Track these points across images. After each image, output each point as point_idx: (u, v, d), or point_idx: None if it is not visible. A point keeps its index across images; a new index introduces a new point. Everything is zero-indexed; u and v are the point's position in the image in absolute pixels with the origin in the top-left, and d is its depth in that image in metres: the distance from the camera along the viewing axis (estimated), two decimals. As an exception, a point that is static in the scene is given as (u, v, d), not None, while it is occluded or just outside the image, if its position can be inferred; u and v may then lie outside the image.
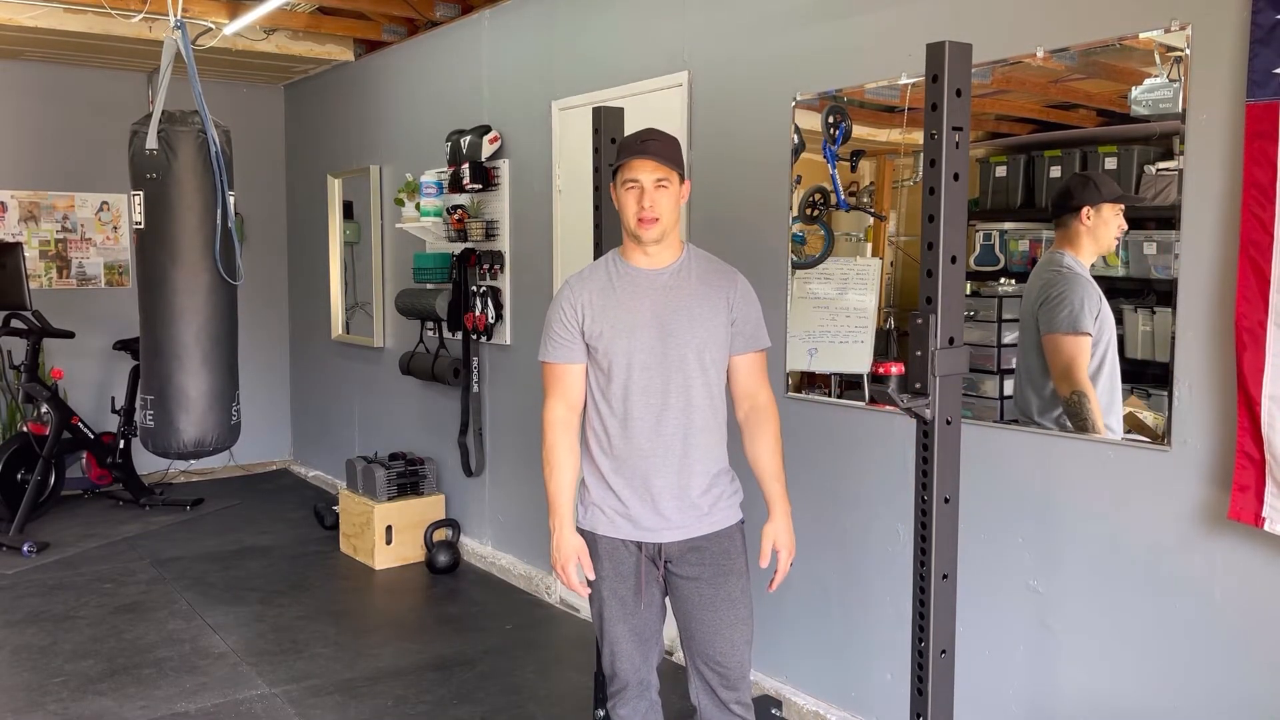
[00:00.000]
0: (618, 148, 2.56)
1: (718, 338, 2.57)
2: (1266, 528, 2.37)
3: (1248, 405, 2.38)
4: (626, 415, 2.54)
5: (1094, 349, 2.74)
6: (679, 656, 4.15)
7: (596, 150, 3.14)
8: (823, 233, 3.48)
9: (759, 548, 2.67)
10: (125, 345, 6.67)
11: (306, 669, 4.15)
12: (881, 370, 2.13)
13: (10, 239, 6.54)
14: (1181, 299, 2.55)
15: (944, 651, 2.16)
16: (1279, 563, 2.41)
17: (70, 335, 6.32)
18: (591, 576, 2.61)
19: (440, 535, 5.50)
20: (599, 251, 3.14)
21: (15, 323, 6.10)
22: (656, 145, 2.48)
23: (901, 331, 3.27)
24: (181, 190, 3.72)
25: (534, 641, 4.47)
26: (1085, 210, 2.73)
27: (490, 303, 5.14)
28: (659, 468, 2.55)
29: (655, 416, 2.53)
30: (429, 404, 5.87)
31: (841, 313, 3.42)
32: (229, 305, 3.93)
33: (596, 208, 3.15)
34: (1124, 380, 2.70)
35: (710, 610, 2.60)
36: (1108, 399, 2.73)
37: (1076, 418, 2.79)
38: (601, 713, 3.22)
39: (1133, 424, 2.68)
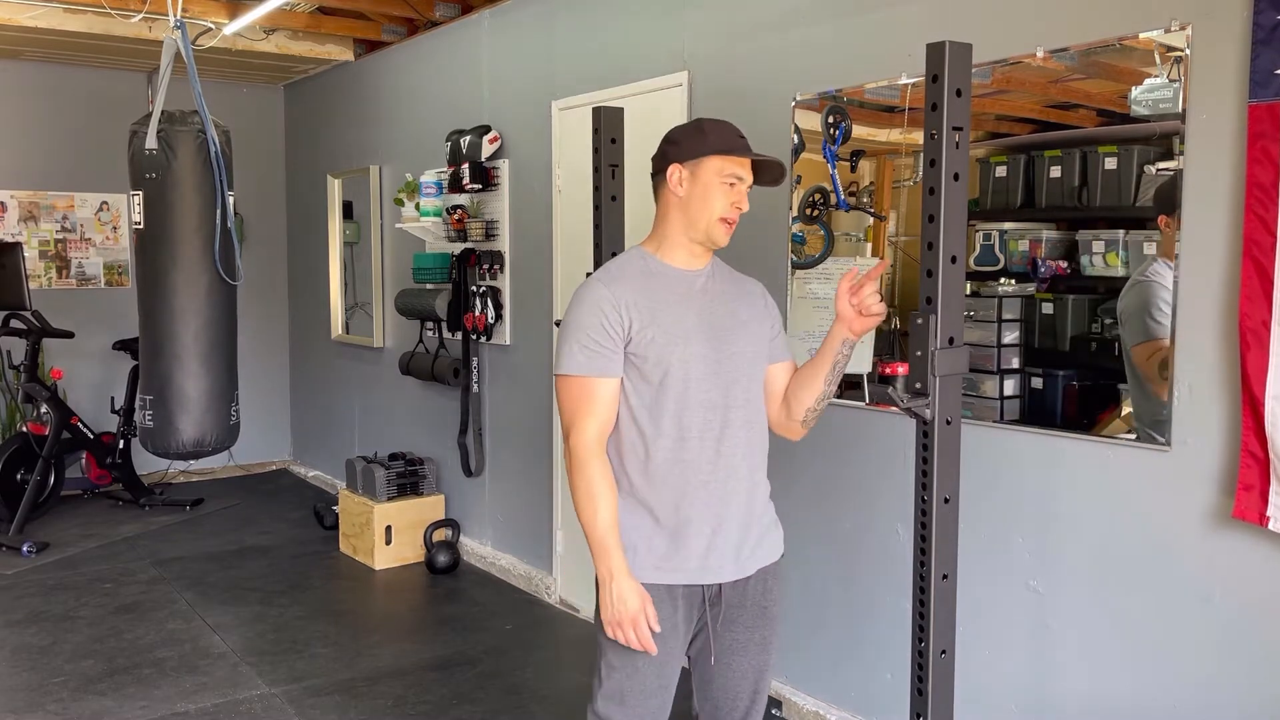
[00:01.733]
0: (705, 135, 2.23)
1: (763, 348, 2.33)
2: (1271, 526, 2.37)
3: (1252, 405, 2.38)
4: (683, 435, 2.20)
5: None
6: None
7: (596, 150, 3.13)
8: (823, 233, 3.48)
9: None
10: (125, 345, 6.67)
11: (306, 669, 4.15)
12: (889, 370, 2.12)
13: (10, 239, 6.54)
14: (1181, 299, 2.55)
15: (944, 651, 2.16)
16: None
17: (70, 335, 6.32)
18: (658, 629, 2.17)
19: (440, 535, 5.50)
20: (599, 251, 3.13)
21: (15, 323, 6.09)
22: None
23: (903, 331, 3.27)
24: (181, 190, 3.72)
25: (534, 641, 4.47)
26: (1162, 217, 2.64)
27: (490, 303, 5.14)
28: (723, 494, 2.23)
29: (717, 435, 2.22)
30: (429, 404, 5.87)
31: (841, 313, 3.42)
32: (228, 305, 3.93)
33: (596, 208, 3.15)
34: (1124, 380, 2.70)
35: (743, 655, 2.32)
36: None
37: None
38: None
39: (1133, 424, 2.68)
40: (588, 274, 2.35)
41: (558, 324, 3.61)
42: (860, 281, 2.20)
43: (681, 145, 2.24)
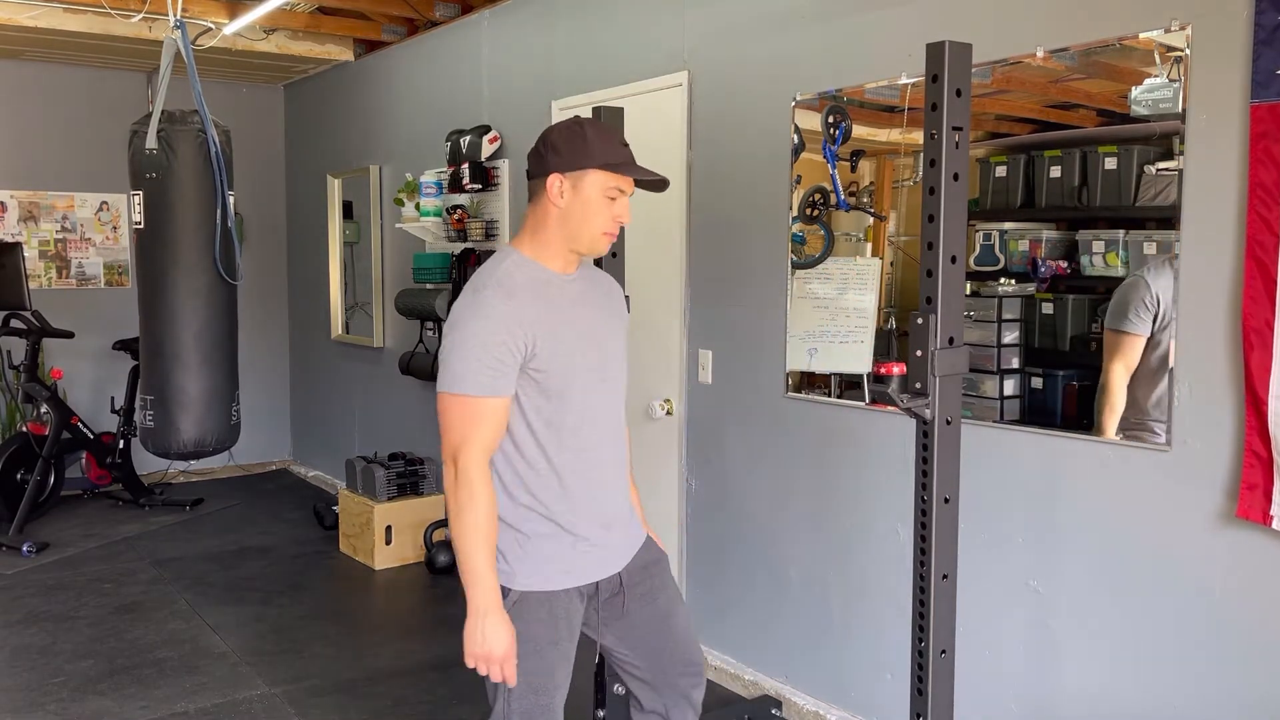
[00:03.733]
0: (589, 145, 2.17)
1: (624, 345, 2.37)
2: (1275, 525, 2.37)
3: (1255, 405, 2.38)
4: (582, 446, 2.22)
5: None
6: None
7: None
8: (823, 233, 3.48)
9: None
10: (125, 345, 6.67)
11: (306, 669, 4.15)
12: (884, 370, 2.12)
13: (10, 239, 6.54)
14: (1182, 299, 2.55)
15: (944, 651, 2.16)
16: None
17: (70, 335, 6.32)
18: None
19: (440, 535, 5.50)
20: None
21: (15, 323, 6.10)
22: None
23: (903, 331, 3.27)
24: (181, 190, 3.72)
25: (534, 641, 4.47)
26: None
27: (490, 303, 5.13)
28: (616, 494, 2.32)
29: (611, 439, 2.30)
30: (429, 404, 5.87)
31: (841, 313, 3.42)
32: (229, 305, 3.93)
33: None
34: (1124, 380, 2.71)
35: (674, 617, 2.42)
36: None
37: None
38: (602, 713, 3.22)
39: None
40: (476, 275, 2.26)
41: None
42: None
43: (563, 154, 2.16)
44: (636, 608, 2.37)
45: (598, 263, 3.23)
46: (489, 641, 2.13)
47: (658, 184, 2.26)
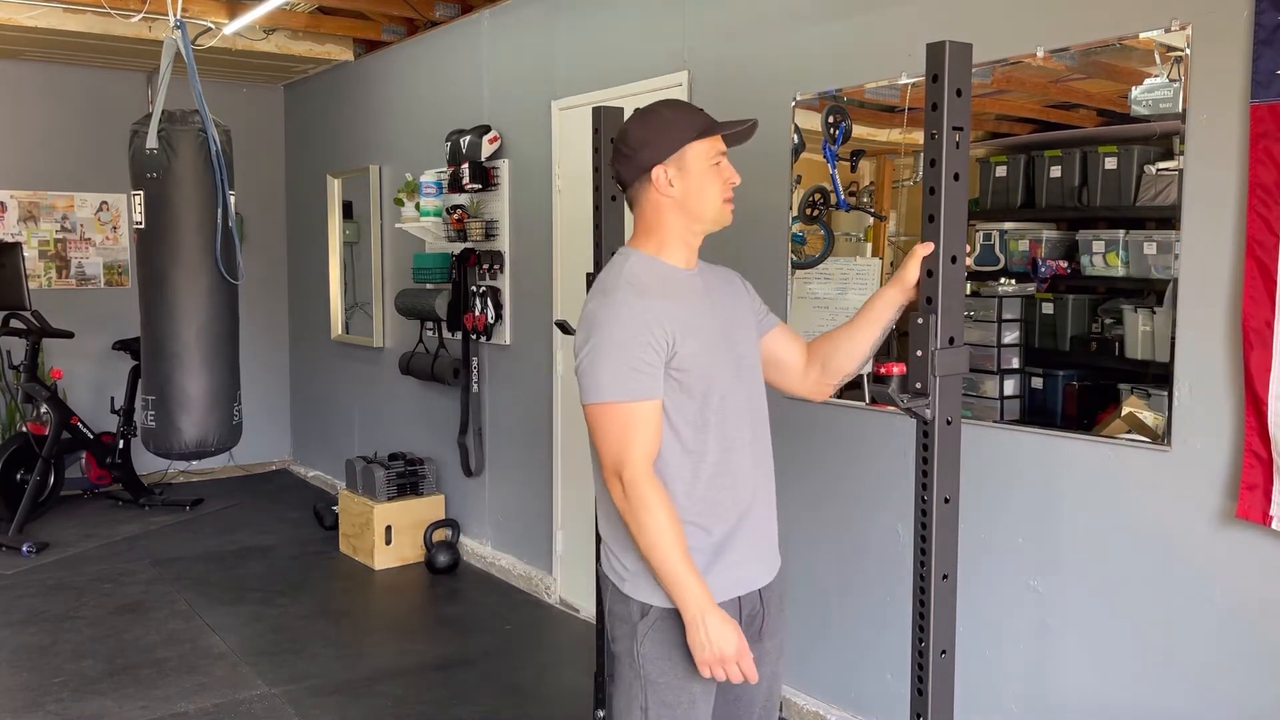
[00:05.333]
0: (674, 123, 2.08)
1: (756, 339, 2.23)
2: (1275, 526, 2.37)
3: (1255, 405, 2.38)
4: (728, 447, 2.08)
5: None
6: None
7: (596, 150, 3.13)
8: (823, 233, 3.48)
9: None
10: (125, 345, 6.67)
11: (306, 669, 4.15)
12: (884, 370, 2.11)
13: (10, 239, 6.54)
14: (1182, 299, 2.55)
15: (944, 651, 2.16)
16: None
17: (70, 335, 6.31)
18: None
19: (440, 535, 5.50)
20: (599, 252, 3.13)
21: (15, 323, 6.09)
22: None
23: (903, 331, 3.27)
24: (181, 190, 3.72)
25: (534, 641, 4.47)
26: None
27: (490, 303, 5.14)
28: (758, 500, 2.15)
29: (750, 441, 2.13)
30: (429, 404, 5.87)
31: (841, 313, 3.42)
32: (230, 305, 3.92)
33: (596, 208, 3.15)
34: (1124, 380, 2.70)
35: (764, 664, 2.19)
36: None
37: None
38: (601, 713, 3.22)
39: (1133, 424, 2.68)
40: (588, 275, 2.22)
41: (559, 325, 3.60)
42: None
43: (654, 144, 2.07)
44: (768, 635, 2.19)
45: (598, 264, 3.23)
46: (716, 642, 1.95)
47: (749, 131, 2.17)
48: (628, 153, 2.10)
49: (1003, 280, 2.96)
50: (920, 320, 2.05)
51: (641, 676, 2.06)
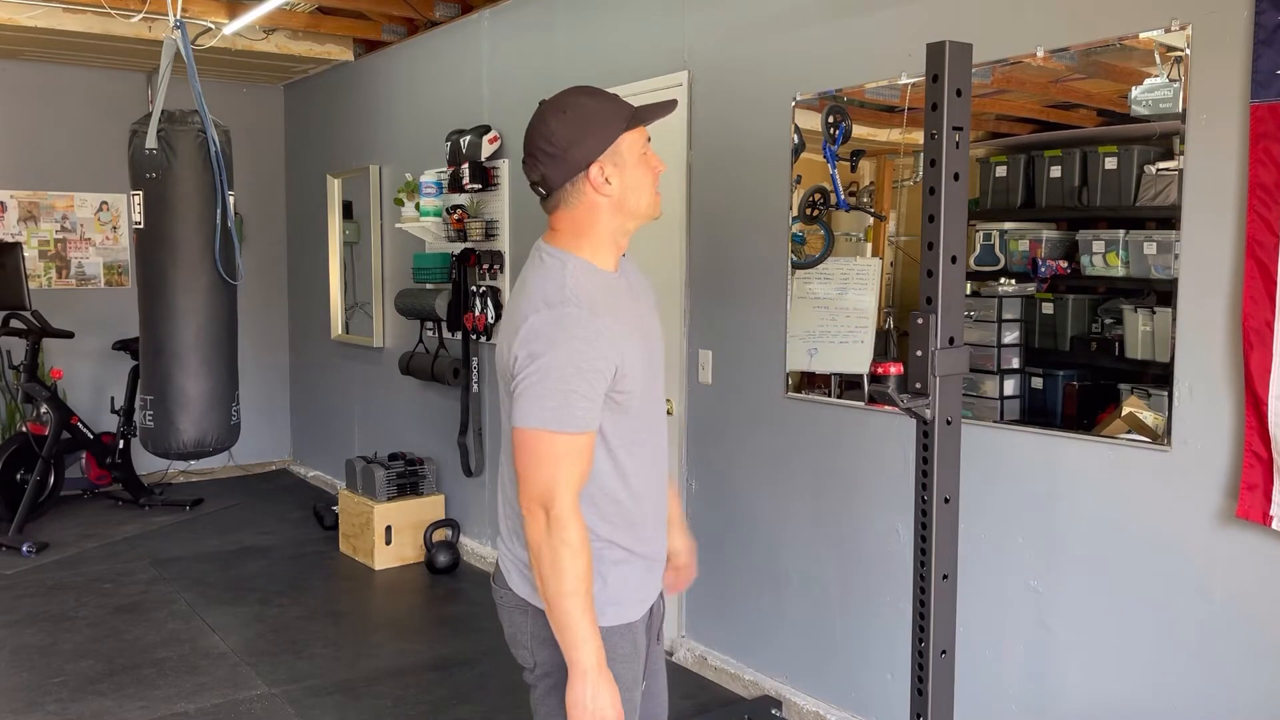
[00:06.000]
0: (602, 113, 1.93)
1: (660, 331, 2.12)
2: (1275, 526, 2.37)
3: (1255, 405, 2.38)
4: (653, 461, 2.00)
5: None
6: (679, 657, 4.15)
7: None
8: (823, 233, 3.48)
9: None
10: (124, 345, 6.67)
11: (306, 669, 4.15)
12: (884, 370, 2.12)
13: (10, 239, 6.54)
14: (1182, 299, 2.55)
15: (944, 651, 2.16)
16: None
17: (69, 335, 6.31)
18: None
19: (440, 535, 5.50)
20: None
21: (15, 323, 6.09)
22: None
23: (902, 331, 3.27)
24: (181, 190, 3.72)
25: (534, 641, 4.47)
26: None
27: (490, 303, 5.14)
28: (664, 501, 2.09)
29: (664, 446, 2.07)
30: (428, 404, 5.87)
31: (841, 313, 3.42)
32: (229, 305, 3.92)
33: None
34: (1124, 380, 2.70)
35: (659, 670, 2.20)
36: None
37: None
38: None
39: (1133, 424, 2.68)
40: (546, 290, 1.90)
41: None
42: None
43: (586, 140, 1.89)
44: (657, 634, 2.16)
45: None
46: (600, 703, 1.83)
47: (668, 106, 1.99)
48: (554, 153, 1.90)
49: (1003, 280, 2.96)
50: (920, 320, 2.05)
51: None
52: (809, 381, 3.56)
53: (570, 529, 1.81)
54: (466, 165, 5.09)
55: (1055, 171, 2.83)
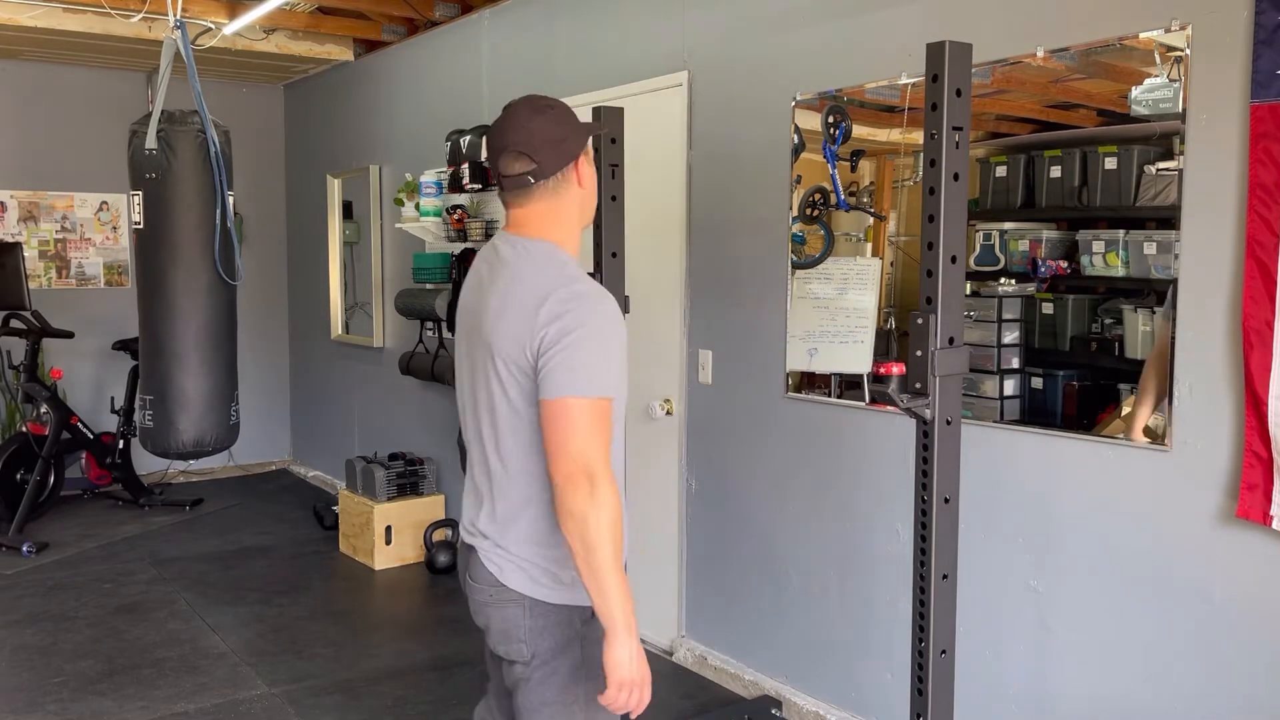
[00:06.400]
0: (575, 116, 2.07)
1: None
2: (1275, 525, 2.37)
3: (1255, 405, 2.38)
4: (619, 449, 2.06)
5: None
6: (679, 657, 4.15)
7: (596, 150, 3.14)
8: (823, 233, 3.48)
9: None
10: (124, 345, 6.67)
11: (306, 669, 4.15)
12: (884, 370, 2.12)
13: (10, 239, 6.54)
14: (1181, 299, 2.55)
15: (944, 651, 2.16)
16: None
17: (69, 335, 6.31)
18: None
19: (440, 535, 5.50)
20: (599, 251, 3.14)
21: (15, 323, 6.09)
22: None
23: (903, 331, 3.27)
24: (181, 190, 3.72)
25: (534, 641, 4.47)
26: None
27: (490, 303, 5.13)
28: None
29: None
30: (429, 404, 5.87)
31: (841, 313, 3.42)
32: (228, 305, 3.93)
33: (597, 208, 3.15)
34: (1123, 380, 2.70)
35: None
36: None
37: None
38: (601, 713, 3.21)
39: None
40: (588, 275, 2.07)
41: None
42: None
43: (573, 136, 2.02)
44: None
45: (597, 264, 3.24)
46: (641, 665, 1.88)
47: (597, 126, 2.19)
48: (555, 141, 2.00)
49: (1003, 280, 2.96)
50: (920, 320, 2.05)
51: (582, 681, 2.01)
52: (809, 381, 3.56)
53: (613, 490, 1.85)
54: (466, 165, 5.09)
55: (1055, 171, 2.83)
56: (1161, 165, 2.58)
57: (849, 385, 3.44)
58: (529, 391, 1.92)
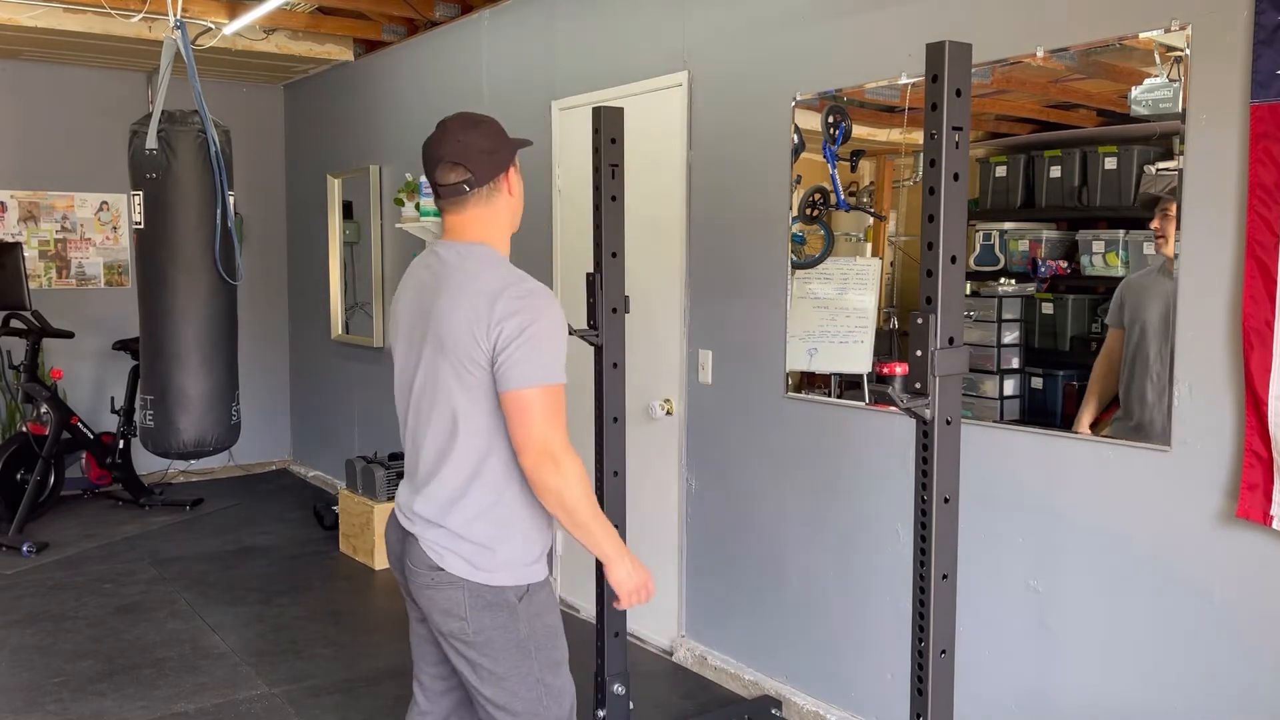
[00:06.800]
0: (496, 130, 2.25)
1: None
2: (1275, 525, 2.37)
3: (1255, 405, 2.38)
4: None
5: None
6: (679, 656, 4.15)
7: (596, 150, 3.14)
8: (823, 233, 3.48)
9: None
10: (124, 345, 6.67)
11: (306, 669, 4.15)
12: (884, 370, 2.12)
13: (10, 239, 6.54)
14: (1181, 299, 2.55)
15: (944, 651, 2.16)
16: None
17: (70, 335, 6.32)
18: None
19: (440, 535, 5.50)
20: (599, 251, 3.14)
21: (15, 323, 6.10)
22: None
23: (904, 331, 3.27)
24: (181, 190, 3.72)
25: (534, 641, 4.47)
26: None
27: (490, 303, 5.13)
28: None
29: None
30: (429, 404, 5.86)
31: (841, 313, 3.42)
32: (229, 305, 3.93)
33: (596, 208, 3.15)
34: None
35: None
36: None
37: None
38: (602, 713, 3.22)
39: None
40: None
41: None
42: None
43: (502, 150, 2.23)
44: None
45: (597, 264, 3.23)
46: (638, 570, 2.23)
47: (526, 142, 2.37)
48: (487, 152, 2.19)
49: (1003, 280, 2.96)
50: (920, 320, 2.05)
51: (532, 653, 2.22)
52: (809, 381, 3.56)
53: (573, 459, 2.11)
54: (466, 165, 5.09)
55: (1055, 171, 2.83)
56: (1161, 165, 2.58)
57: (849, 385, 3.44)
58: (483, 382, 2.12)
